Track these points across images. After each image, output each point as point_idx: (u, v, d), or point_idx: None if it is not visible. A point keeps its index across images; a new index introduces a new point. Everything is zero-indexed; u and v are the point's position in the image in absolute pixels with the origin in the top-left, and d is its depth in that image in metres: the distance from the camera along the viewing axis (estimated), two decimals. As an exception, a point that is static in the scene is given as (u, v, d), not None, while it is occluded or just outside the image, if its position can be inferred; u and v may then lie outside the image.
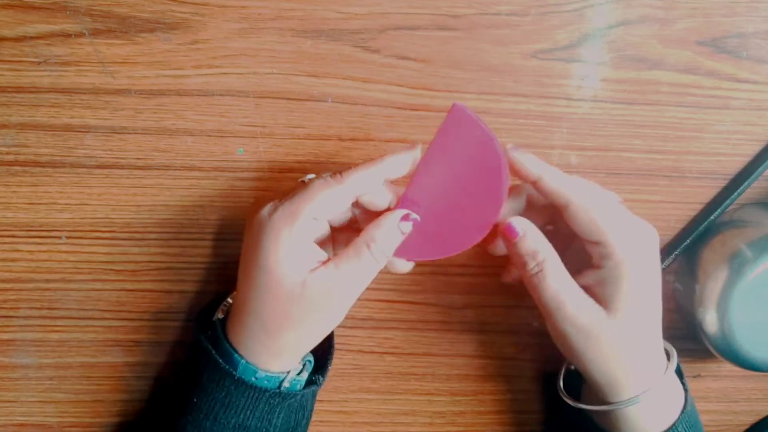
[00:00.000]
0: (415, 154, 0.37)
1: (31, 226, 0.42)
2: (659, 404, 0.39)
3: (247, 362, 0.36)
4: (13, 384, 0.44)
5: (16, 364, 0.44)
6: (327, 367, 0.41)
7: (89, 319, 0.44)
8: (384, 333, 0.46)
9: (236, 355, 0.37)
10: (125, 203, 0.42)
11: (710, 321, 0.42)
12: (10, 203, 0.42)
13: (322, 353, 0.41)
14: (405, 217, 0.37)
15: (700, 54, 0.42)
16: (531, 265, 0.37)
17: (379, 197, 0.37)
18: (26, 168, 0.41)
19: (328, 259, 0.36)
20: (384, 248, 0.36)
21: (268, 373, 0.37)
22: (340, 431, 0.47)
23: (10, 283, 0.43)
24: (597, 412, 0.40)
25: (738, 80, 0.43)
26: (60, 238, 0.42)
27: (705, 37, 0.42)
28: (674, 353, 0.40)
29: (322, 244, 0.37)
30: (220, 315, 0.39)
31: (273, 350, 0.37)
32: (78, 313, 0.44)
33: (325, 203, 0.35)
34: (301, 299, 0.35)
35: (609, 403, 0.38)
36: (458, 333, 0.46)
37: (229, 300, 0.40)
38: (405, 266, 0.39)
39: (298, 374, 0.39)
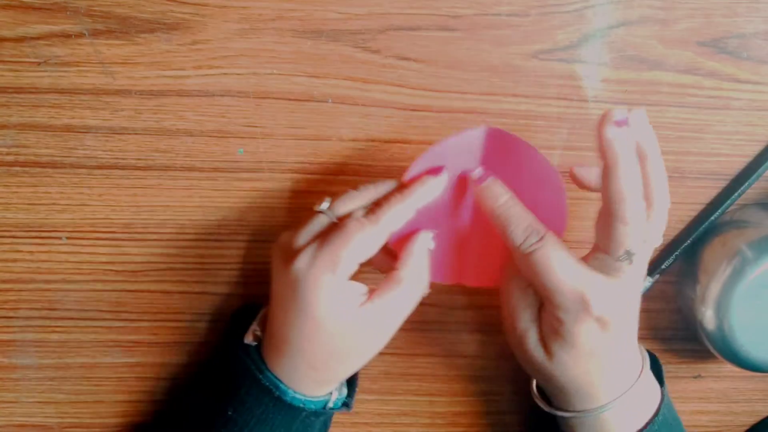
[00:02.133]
0: (444, 180, 0.38)
1: (32, 227, 0.42)
2: (630, 410, 0.38)
3: (294, 392, 0.37)
4: (14, 385, 0.44)
5: (16, 365, 0.44)
6: (354, 387, 0.41)
7: (89, 319, 0.44)
8: (384, 333, 0.46)
9: (282, 385, 0.37)
10: (125, 204, 0.42)
11: (710, 321, 0.42)
12: (10, 204, 0.42)
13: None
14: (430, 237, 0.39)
15: (701, 54, 0.42)
16: (532, 240, 0.36)
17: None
18: (26, 168, 0.41)
19: (370, 292, 0.36)
20: (422, 275, 0.38)
21: (313, 398, 0.38)
22: (341, 432, 0.47)
23: (10, 283, 0.43)
24: (564, 419, 0.39)
25: (738, 81, 0.43)
26: (60, 238, 0.42)
27: (705, 37, 0.42)
28: (646, 356, 0.39)
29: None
30: (252, 341, 0.38)
31: (321, 381, 0.37)
32: (78, 314, 0.44)
33: (363, 247, 0.35)
34: (350, 337, 0.36)
35: (584, 411, 0.38)
36: (459, 333, 0.46)
37: (257, 326, 0.39)
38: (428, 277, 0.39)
39: (339, 391, 0.40)
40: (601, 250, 0.36)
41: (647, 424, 0.38)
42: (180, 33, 0.40)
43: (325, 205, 0.37)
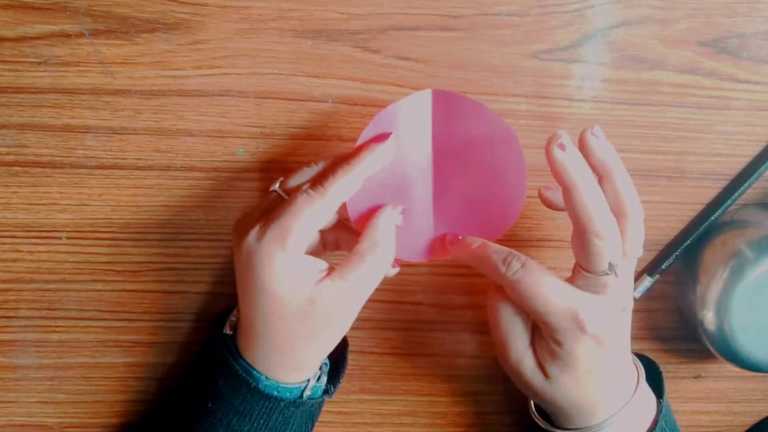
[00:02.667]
0: (390, 146, 0.36)
1: (32, 227, 0.42)
2: (629, 423, 0.38)
3: (267, 378, 0.36)
4: (14, 384, 0.44)
5: (16, 365, 0.44)
6: (340, 377, 0.41)
7: (89, 319, 0.44)
8: (384, 333, 0.46)
9: (255, 372, 0.36)
10: (125, 204, 0.42)
11: (711, 321, 0.42)
12: (10, 204, 0.42)
13: (336, 357, 0.41)
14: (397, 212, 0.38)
15: (701, 54, 0.42)
16: (516, 266, 0.36)
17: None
18: (26, 168, 0.41)
19: (331, 269, 0.35)
20: (387, 249, 0.36)
21: (288, 385, 0.37)
22: (341, 432, 0.47)
23: (10, 283, 0.43)
24: None
25: (739, 81, 0.43)
26: (60, 238, 0.42)
27: (706, 37, 0.42)
28: (641, 368, 0.40)
29: (314, 252, 0.37)
30: (228, 331, 0.38)
31: (291, 365, 0.36)
32: (78, 314, 0.44)
33: (312, 219, 0.34)
34: (311, 315, 0.34)
35: (584, 428, 0.38)
36: (458, 333, 0.46)
37: (236, 313, 0.39)
38: (391, 271, 0.39)
39: (318, 380, 0.39)
40: (584, 269, 0.36)
41: None
42: (180, 33, 0.40)
43: (277, 184, 0.37)
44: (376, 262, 0.36)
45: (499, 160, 0.38)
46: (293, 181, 0.37)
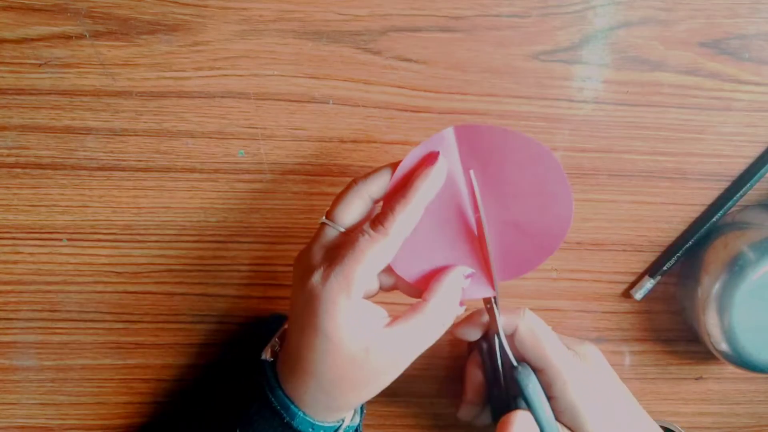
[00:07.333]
0: (444, 164, 0.35)
1: (32, 229, 0.42)
2: None
3: (304, 414, 0.35)
4: (14, 386, 0.44)
5: (17, 367, 0.44)
6: (363, 410, 0.40)
7: (90, 321, 0.44)
8: (385, 335, 0.46)
9: (293, 406, 0.35)
10: (126, 205, 0.42)
11: (712, 323, 0.42)
12: (11, 205, 0.42)
13: None
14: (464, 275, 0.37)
15: (702, 55, 0.42)
16: None
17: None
18: (27, 170, 0.41)
19: (391, 319, 0.35)
20: (451, 309, 0.36)
21: (324, 424, 0.36)
22: (342, 433, 0.47)
23: (11, 285, 0.43)
24: None
25: (740, 82, 0.43)
26: (61, 240, 0.42)
27: (707, 38, 0.42)
28: None
29: (370, 291, 0.37)
30: (269, 357, 0.37)
31: (332, 406, 0.36)
32: (79, 315, 0.44)
33: (376, 262, 0.34)
34: (365, 364, 0.34)
35: None
36: (460, 335, 0.46)
37: (277, 340, 0.38)
38: (459, 309, 0.37)
39: (351, 419, 0.38)
40: None
41: None
42: (180, 34, 0.40)
43: (324, 216, 0.36)
44: (438, 323, 0.35)
45: (542, 180, 0.36)
46: (342, 212, 0.36)
